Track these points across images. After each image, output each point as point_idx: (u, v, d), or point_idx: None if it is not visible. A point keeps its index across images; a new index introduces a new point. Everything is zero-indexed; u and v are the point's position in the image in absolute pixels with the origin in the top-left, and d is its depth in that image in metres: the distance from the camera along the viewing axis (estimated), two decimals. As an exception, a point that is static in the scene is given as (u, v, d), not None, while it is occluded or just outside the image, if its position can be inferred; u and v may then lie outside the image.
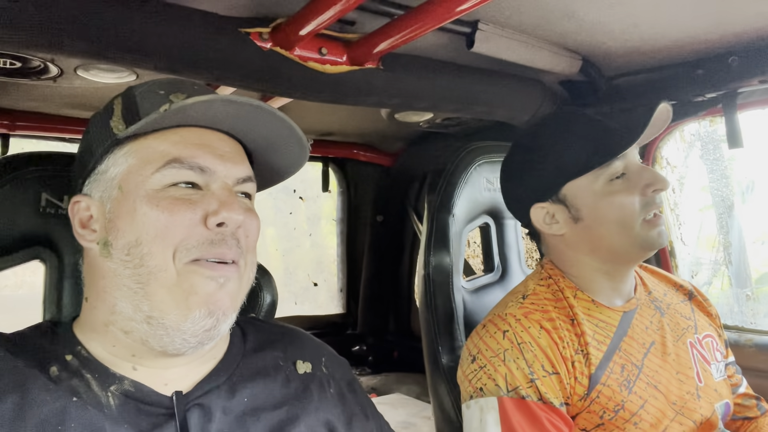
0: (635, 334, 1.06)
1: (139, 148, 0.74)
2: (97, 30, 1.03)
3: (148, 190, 0.72)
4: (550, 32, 1.39)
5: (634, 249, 1.05)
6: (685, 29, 1.33)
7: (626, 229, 1.04)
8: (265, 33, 1.21)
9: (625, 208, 1.04)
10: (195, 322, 0.70)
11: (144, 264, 0.70)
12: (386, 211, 2.83)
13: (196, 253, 0.71)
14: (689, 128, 1.73)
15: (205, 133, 0.76)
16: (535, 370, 0.97)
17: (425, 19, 1.12)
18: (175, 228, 0.70)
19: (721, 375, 1.12)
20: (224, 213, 0.71)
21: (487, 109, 1.66)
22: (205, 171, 0.73)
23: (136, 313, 0.71)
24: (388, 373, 2.86)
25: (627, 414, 0.97)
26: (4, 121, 1.82)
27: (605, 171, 1.06)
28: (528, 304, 1.07)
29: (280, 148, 0.82)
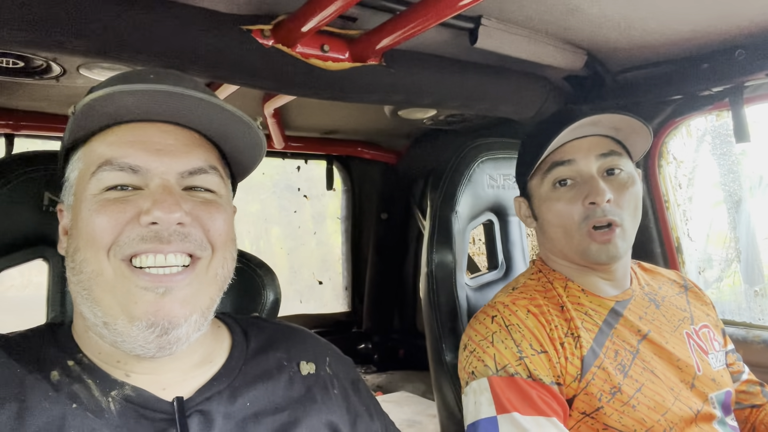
0: (628, 323, 1.07)
1: (86, 152, 0.73)
2: (98, 28, 1.03)
3: (88, 195, 0.70)
4: (554, 27, 1.38)
5: (579, 258, 1.07)
6: (690, 22, 1.32)
7: (567, 237, 1.07)
8: (267, 30, 1.21)
9: (564, 216, 1.06)
10: (141, 330, 0.67)
11: (83, 270, 0.69)
12: (391, 209, 2.83)
13: (128, 249, 0.68)
14: (697, 123, 1.71)
15: (146, 127, 0.72)
16: (524, 348, 0.98)
17: (427, 15, 1.12)
18: (104, 230, 0.68)
19: (720, 364, 1.12)
20: (156, 212, 0.67)
21: (490, 106, 1.65)
22: (137, 170, 0.70)
23: (95, 318, 0.70)
24: (393, 371, 2.86)
25: (625, 396, 0.98)
26: (8, 120, 1.83)
27: (549, 175, 1.08)
28: (516, 293, 1.10)
29: (234, 134, 0.76)
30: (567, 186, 1.07)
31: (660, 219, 1.69)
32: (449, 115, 2.12)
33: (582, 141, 1.08)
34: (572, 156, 1.07)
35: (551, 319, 1.03)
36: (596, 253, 1.04)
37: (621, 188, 1.05)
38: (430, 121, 2.18)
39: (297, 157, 2.74)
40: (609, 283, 1.12)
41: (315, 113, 2.17)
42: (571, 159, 1.06)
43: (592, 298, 1.09)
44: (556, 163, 1.08)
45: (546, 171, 1.09)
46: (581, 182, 1.06)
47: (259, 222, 2.92)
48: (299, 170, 2.87)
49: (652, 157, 1.70)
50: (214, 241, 0.74)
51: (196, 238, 0.71)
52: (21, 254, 0.91)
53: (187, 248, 0.70)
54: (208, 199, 0.74)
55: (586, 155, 1.06)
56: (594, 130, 1.08)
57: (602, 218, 1.03)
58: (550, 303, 1.07)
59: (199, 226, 0.72)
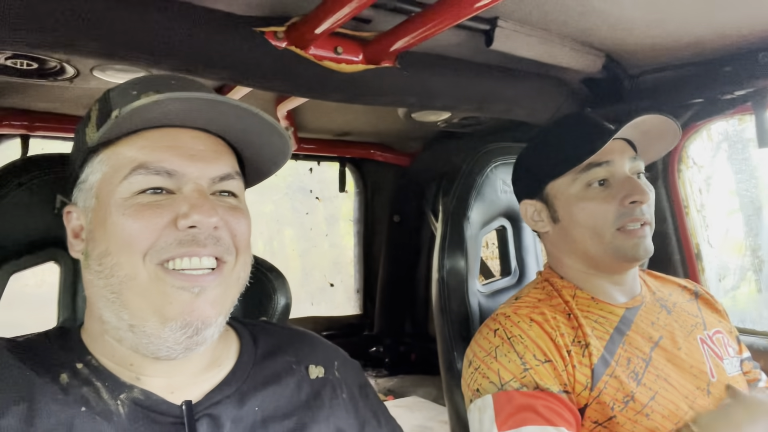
0: (640, 329, 1.06)
1: (111, 155, 0.73)
2: (111, 30, 1.03)
3: (117, 198, 0.70)
4: (572, 28, 1.35)
5: (607, 257, 1.07)
6: (712, 24, 1.29)
7: (598, 237, 1.07)
8: (280, 32, 1.20)
9: (597, 215, 1.06)
10: (173, 331, 0.68)
11: (114, 274, 0.69)
12: (403, 212, 2.81)
13: (165, 253, 0.69)
14: (717, 127, 1.68)
15: (177, 132, 0.74)
16: (527, 360, 0.97)
17: (442, 16, 1.10)
18: (141, 235, 0.69)
19: (735, 370, 1.10)
20: (195, 216, 0.69)
21: (506, 109, 1.63)
22: (173, 174, 0.71)
23: (120, 321, 0.70)
24: (405, 375, 2.84)
25: (638, 405, 0.96)
26: (24, 121, 1.84)
27: (584, 175, 1.08)
28: (519, 303, 1.09)
29: (261, 141, 0.78)
30: (603, 186, 1.08)
31: (679, 225, 1.66)
32: (463, 118, 2.10)
33: (614, 143, 1.09)
34: (609, 157, 1.08)
35: (556, 326, 1.02)
36: (633, 249, 1.04)
37: (647, 191, 1.07)
38: (444, 124, 2.16)
39: (310, 158, 2.74)
40: (619, 290, 1.11)
41: (328, 115, 2.17)
42: (609, 160, 1.07)
43: (603, 306, 1.08)
44: (593, 164, 1.08)
45: (581, 171, 1.09)
46: (614, 183, 1.07)
47: (272, 223, 2.92)
48: (312, 172, 2.86)
49: (671, 161, 1.66)
50: (239, 245, 0.75)
51: (225, 242, 0.73)
52: (32, 257, 0.92)
53: (218, 252, 0.72)
54: (234, 205, 0.76)
55: (621, 157, 1.08)
56: (629, 132, 1.09)
57: (639, 217, 1.04)
58: (556, 311, 1.06)
59: (227, 230, 0.74)
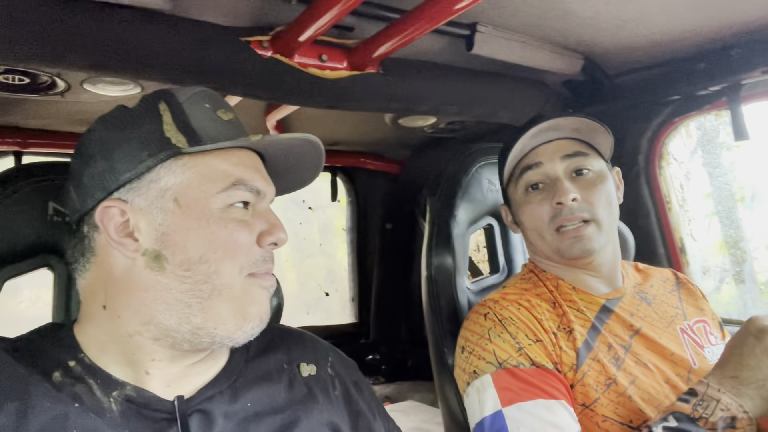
0: (620, 319, 1.09)
1: (199, 164, 0.74)
2: (100, 43, 1.06)
3: (213, 209, 0.74)
4: (549, 31, 1.39)
5: (555, 256, 1.12)
6: (684, 22, 1.33)
7: (541, 238, 1.12)
8: (265, 41, 1.23)
9: (536, 218, 1.12)
10: (246, 331, 0.75)
11: (209, 281, 0.72)
12: (395, 219, 2.83)
13: (255, 267, 0.76)
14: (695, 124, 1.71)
15: (252, 155, 0.81)
16: (520, 339, 1.01)
17: (422, 21, 1.14)
18: (240, 249, 0.74)
19: (717, 358, 1.11)
20: (280, 234, 0.78)
21: (489, 112, 1.66)
22: (261, 194, 0.79)
23: (182, 325, 0.72)
24: (401, 381, 2.84)
25: (620, 387, 0.99)
26: (16, 138, 1.86)
27: (521, 180, 1.15)
28: (506, 291, 1.13)
29: (297, 169, 0.89)
30: (538, 189, 1.13)
31: (662, 220, 1.69)
32: (450, 123, 2.13)
33: (549, 145, 1.13)
34: (539, 159, 1.13)
35: (542, 312, 1.05)
36: (569, 249, 1.08)
37: (590, 186, 1.10)
38: (431, 129, 2.19)
39: (301, 169, 2.75)
40: (598, 281, 1.14)
41: (317, 125, 2.20)
42: (538, 162, 1.12)
43: (583, 296, 1.12)
44: (526, 167, 1.14)
45: (518, 176, 1.15)
46: (550, 184, 1.11)
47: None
48: (304, 182, 2.88)
49: (652, 158, 1.70)
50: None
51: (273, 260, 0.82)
52: (26, 263, 0.93)
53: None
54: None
55: (552, 158, 1.12)
56: (557, 134, 1.13)
57: (570, 216, 1.07)
58: (541, 299, 1.09)
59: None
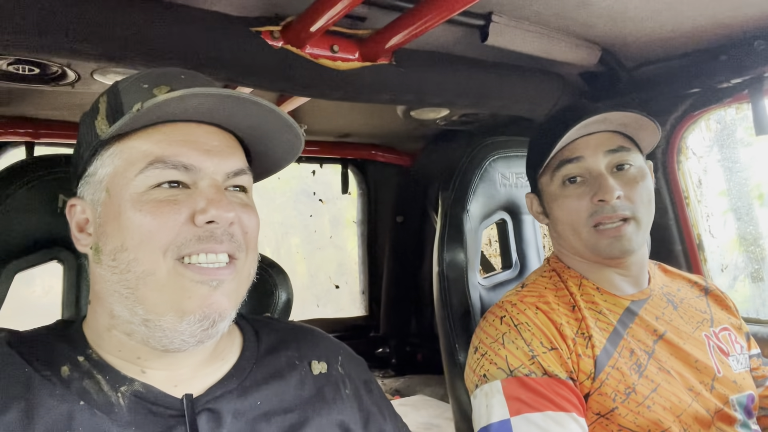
0: (644, 322, 1.06)
1: (124, 149, 0.72)
2: (109, 33, 1.05)
3: (132, 193, 0.70)
4: (567, 22, 1.36)
5: (589, 253, 1.08)
6: (706, 14, 1.29)
7: (576, 234, 1.08)
8: (276, 32, 1.22)
9: (572, 213, 1.07)
10: (191, 324, 0.69)
11: (131, 270, 0.69)
12: (406, 212, 2.81)
13: (185, 249, 0.69)
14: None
15: (192, 127, 0.73)
16: (535, 347, 0.98)
17: (436, 11, 1.11)
18: (160, 231, 0.68)
19: (742, 367, 1.09)
20: (213, 211, 0.69)
21: (503, 104, 1.63)
22: (190, 169, 0.71)
23: (133, 316, 0.70)
24: (411, 375, 2.84)
25: (639, 397, 0.96)
26: (28, 129, 1.87)
27: (558, 173, 1.09)
28: (525, 291, 1.09)
29: (273, 137, 0.79)
30: (576, 183, 1.08)
31: (680, 216, 1.65)
32: (462, 115, 2.10)
33: (590, 138, 1.08)
34: (581, 153, 1.07)
35: (561, 317, 1.02)
36: (607, 248, 1.03)
37: (632, 183, 1.05)
38: (443, 122, 2.17)
39: (312, 161, 2.75)
40: (625, 280, 1.10)
41: (328, 117, 2.18)
42: (579, 156, 1.07)
43: (607, 297, 1.08)
44: (565, 160, 1.08)
45: (555, 168, 1.09)
46: (590, 179, 1.06)
47: (276, 226, 2.93)
48: (314, 174, 2.88)
49: (670, 152, 1.66)
50: (249, 242, 0.76)
51: (238, 239, 0.73)
52: (36, 256, 0.93)
53: (232, 249, 0.72)
54: (245, 201, 0.76)
55: (594, 152, 1.06)
56: (602, 126, 1.08)
57: (612, 214, 1.02)
58: (560, 302, 1.06)
59: (240, 227, 0.74)
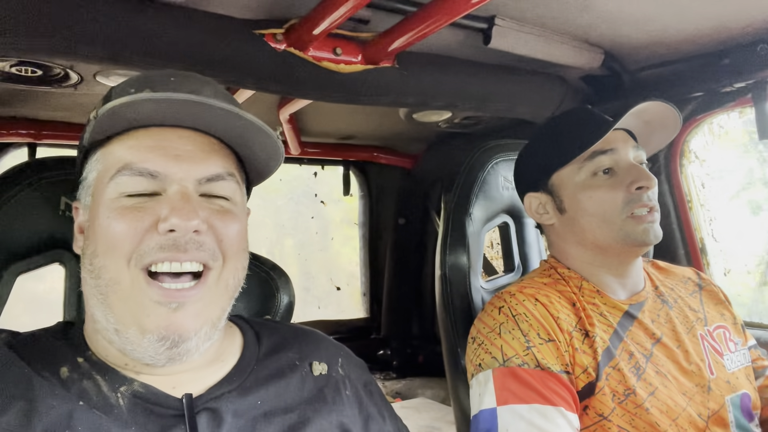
0: (643, 326, 1.07)
1: (105, 154, 0.73)
2: (112, 35, 1.05)
3: (106, 199, 0.70)
4: (569, 25, 1.36)
5: (618, 244, 1.07)
6: (709, 17, 1.29)
7: (607, 224, 1.07)
8: (279, 34, 1.21)
9: (605, 203, 1.07)
10: (152, 343, 0.68)
11: (101, 276, 0.69)
12: (408, 214, 2.81)
13: (148, 258, 0.68)
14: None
15: (165, 132, 0.72)
16: (531, 338, 0.98)
17: (439, 15, 1.11)
18: (124, 239, 0.68)
19: (736, 365, 1.10)
20: (173, 219, 0.67)
21: (506, 107, 1.63)
22: (156, 175, 0.70)
23: (108, 323, 0.70)
24: (413, 377, 2.84)
25: (639, 399, 0.97)
26: (30, 130, 1.87)
27: (589, 164, 1.09)
28: (525, 284, 1.10)
29: (250, 139, 0.76)
30: (608, 174, 1.09)
31: (683, 220, 1.65)
32: (465, 118, 2.10)
33: (617, 133, 1.10)
34: (614, 145, 1.09)
35: (560, 309, 1.03)
36: (643, 234, 1.04)
37: (653, 177, 1.08)
38: (446, 124, 2.17)
39: (314, 162, 2.75)
40: (622, 285, 1.11)
41: (330, 118, 2.18)
42: (613, 148, 1.09)
43: (607, 300, 1.09)
44: (598, 152, 1.09)
45: (586, 160, 1.10)
46: (620, 170, 1.08)
47: (278, 228, 2.94)
48: (316, 176, 2.88)
49: (673, 156, 1.66)
50: (226, 250, 0.74)
51: (209, 248, 0.71)
52: (38, 258, 0.93)
53: (201, 257, 0.70)
54: (224, 208, 0.75)
55: (625, 145, 1.09)
56: (629, 121, 1.10)
57: (647, 202, 1.05)
58: (561, 296, 1.06)
59: (212, 234, 0.72)
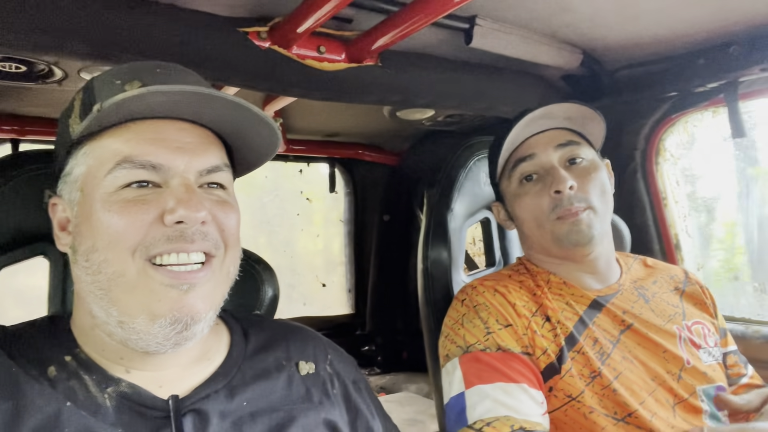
0: (611, 314, 1.09)
1: (96, 148, 0.71)
2: (97, 32, 1.05)
3: (102, 193, 0.69)
4: (549, 26, 1.39)
5: (555, 246, 1.10)
6: (685, 19, 1.32)
7: (540, 229, 1.11)
8: (264, 32, 1.23)
9: (534, 209, 1.10)
10: (163, 327, 0.68)
11: (101, 271, 0.68)
12: (393, 211, 2.83)
13: (154, 249, 0.68)
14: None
15: (163, 124, 0.72)
16: (490, 324, 1.02)
17: (421, 14, 1.13)
18: (128, 231, 0.67)
19: (712, 359, 1.12)
20: (182, 211, 0.67)
21: (488, 105, 1.66)
22: (158, 168, 0.69)
23: (108, 317, 0.69)
24: (397, 372, 2.86)
25: (605, 380, 1.00)
26: (14, 126, 1.85)
27: (514, 173, 1.13)
28: (487, 277, 1.14)
29: (248, 131, 0.77)
30: (533, 180, 1.12)
31: (658, 216, 1.69)
32: (448, 116, 2.12)
33: (540, 136, 1.13)
34: (533, 150, 1.12)
35: (518, 297, 1.07)
36: (568, 235, 1.06)
37: (584, 174, 1.09)
38: (429, 122, 2.19)
39: (299, 160, 2.75)
40: (592, 277, 1.14)
41: (316, 116, 2.19)
42: (532, 153, 1.11)
43: (574, 290, 1.12)
44: (519, 159, 1.13)
45: (511, 169, 1.14)
46: (545, 174, 1.10)
47: (263, 225, 2.94)
48: (302, 173, 2.88)
49: (649, 154, 1.70)
50: (227, 239, 0.75)
51: (213, 237, 0.72)
52: (21, 251, 0.92)
53: (206, 247, 0.71)
54: (223, 198, 0.75)
55: (545, 148, 1.11)
56: (549, 123, 1.12)
57: (569, 206, 1.06)
58: (521, 286, 1.10)
59: (215, 225, 0.73)
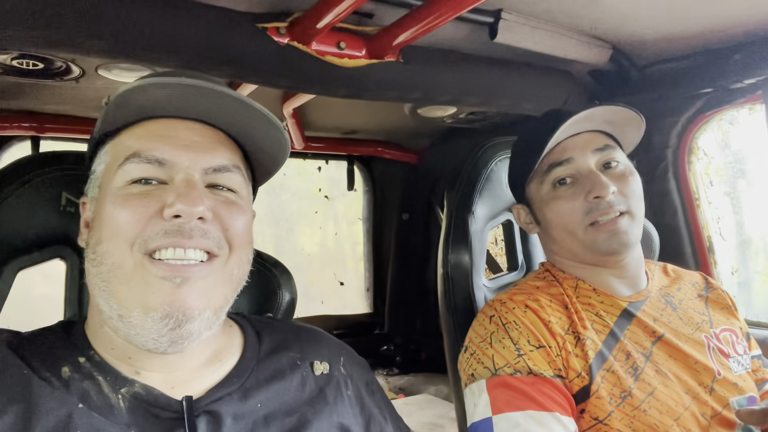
0: (642, 324, 1.05)
1: (114, 146, 0.75)
2: (114, 28, 1.04)
3: (113, 187, 0.71)
4: (577, 20, 1.34)
5: (587, 253, 1.06)
6: (720, 12, 1.27)
7: (571, 234, 1.06)
8: (282, 28, 1.20)
9: (566, 214, 1.06)
10: (155, 322, 0.67)
11: (103, 262, 0.69)
12: (412, 209, 2.80)
13: (152, 243, 0.68)
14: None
15: (174, 123, 0.74)
16: (521, 346, 0.97)
17: (444, 8, 1.10)
18: (128, 224, 0.69)
19: (742, 369, 1.08)
20: (179, 205, 0.68)
21: (512, 102, 1.61)
22: (164, 163, 0.71)
23: (111, 311, 0.70)
24: (416, 373, 2.83)
25: (635, 401, 0.95)
26: (33, 123, 1.87)
27: (548, 176, 1.08)
28: (516, 290, 1.09)
29: (256, 132, 0.78)
30: (567, 185, 1.07)
31: (690, 218, 1.63)
32: (470, 114, 2.08)
33: (576, 139, 1.08)
34: (569, 155, 1.07)
35: (551, 313, 1.01)
36: (605, 243, 1.02)
37: (622, 179, 1.05)
38: (451, 120, 2.15)
39: (318, 157, 2.74)
40: (622, 282, 1.09)
41: (334, 113, 2.17)
42: (569, 158, 1.07)
43: (604, 298, 1.07)
44: (555, 163, 1.08)
45: (544, 173, 1.09)
46: (581, 179, 1.06)
47: (281, 223, 2.93)
48: (320, 171, 2.87)
49: (681, 153, 1.64)
50: (232, 240, 0.74)
51: (214, 236, 0.72)
52: (39, 254, 0.92)
53: (206, 245, 0.71)
54: (230, 199, 0.75)
55: (583, 152, 1.07)
56: (587, 125, 1.08)
57: (608, 209, 1.02)
58: (553, 299, 1.05)
59: (218, 224, 0.73)
